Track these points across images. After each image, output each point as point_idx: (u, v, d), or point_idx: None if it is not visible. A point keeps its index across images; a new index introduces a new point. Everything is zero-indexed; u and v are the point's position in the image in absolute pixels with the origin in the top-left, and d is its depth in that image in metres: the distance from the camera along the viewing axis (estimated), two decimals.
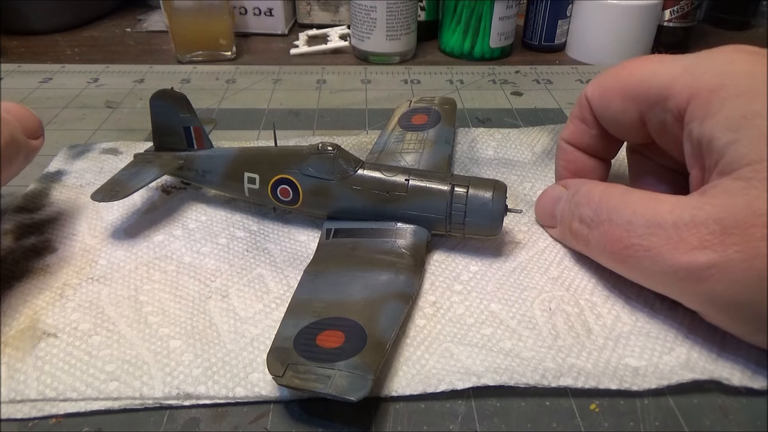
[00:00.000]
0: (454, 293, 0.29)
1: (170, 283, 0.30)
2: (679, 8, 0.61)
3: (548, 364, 0.25)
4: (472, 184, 0.30)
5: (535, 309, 0.28)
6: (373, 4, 0.56)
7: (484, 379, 0.24)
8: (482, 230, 0.30)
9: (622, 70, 0.29)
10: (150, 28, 0.69)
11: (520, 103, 0.51)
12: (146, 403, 0.24)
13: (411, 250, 0.30)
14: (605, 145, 0.33)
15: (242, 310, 0.28)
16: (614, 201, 0.27)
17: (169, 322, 0.27)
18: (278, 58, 0.62)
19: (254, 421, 0.23)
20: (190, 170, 0.35)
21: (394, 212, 0.31)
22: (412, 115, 0.42)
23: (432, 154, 0.37)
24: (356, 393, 0.22)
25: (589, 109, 0.32)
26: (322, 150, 0.31)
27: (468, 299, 0.29)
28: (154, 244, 0.32)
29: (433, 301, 0.29)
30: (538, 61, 0.61)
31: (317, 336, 0.25)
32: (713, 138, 0.24)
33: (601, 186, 0.29)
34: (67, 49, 0.63)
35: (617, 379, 0.24)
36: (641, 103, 0.28)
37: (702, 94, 0.24)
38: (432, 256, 0.32)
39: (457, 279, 0.30)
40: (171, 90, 0.34)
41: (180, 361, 0.25)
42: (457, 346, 0.26)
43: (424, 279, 0.30)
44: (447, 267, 0.31)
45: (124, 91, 0.52)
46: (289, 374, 0.23)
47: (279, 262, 0.31)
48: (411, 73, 0.58)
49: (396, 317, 0.26)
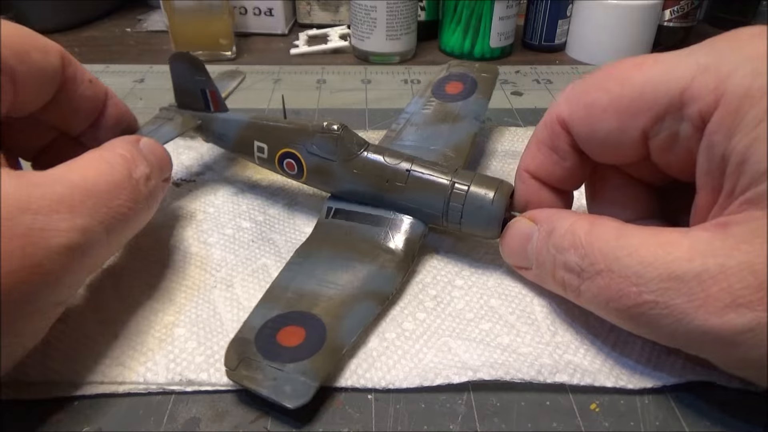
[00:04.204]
0: (455, 288, 0.29)
1: (177, 272, 0.31)
2: (679, 8, 0.61)
3: (545, 360, 0.25)
4: (474, 182, 0.29)
5: (534, 305, 0.28)
6: (373, 4, 0.56)
7: (480, 374, 0.24)
8: (479, 231, 0.29)
9: (608, 81, 0.24)
10: (150, 28, 0.69)
11: (520, 103, 0.51)
12: (150, 388, 0.24)
13: (403, 244, 0.30)
14: (578, 176, 0.28)
15: (245, 299, 0.29)
16: (609, 245, 0.22)
17: (175, 311, 0.28)
18: (278, 58, 0.62)
19: (254, 421, 0.23)
20: (207, 131, 0.36)
21: (392, 201, 0.30)
22: (447, 81, 0.41)
23: (457, 131, 0.36)
24: (295, 400, 0.22)
25: (566, 135, 0.26)
26: (326, 129, 0.30)
27: (468, 294, 0.29)
28: (163, 235, 0.33)
29: (434, 295, 0.29)
30: (538, 61, 0.61)
31: (279, 330, 0.25)
32: (747, 158, 0.19)
33: (583, 223, 0.23)
34: (67, 49, 0.63)
35: (614, 377, 0.24)
36: (646, 117, 0.23)
37: (732, 100, 0.20)
38: (434, 251, 0.32)
39: (459, 274, 0.30)
40: (187, 53, 0.35)
41: (183, 348, 0.26)
42: (455, 341, 0.26)
43: (410, 275, 0.30)
44: (450, 261, 0.31)
45: (124, 91, 0.52)
46: (240, 369, 0.23)
47: (283, 253, 0.32)
48: (411, 73, 0.58)
49: (363, 319, 0.26)
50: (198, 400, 0.24)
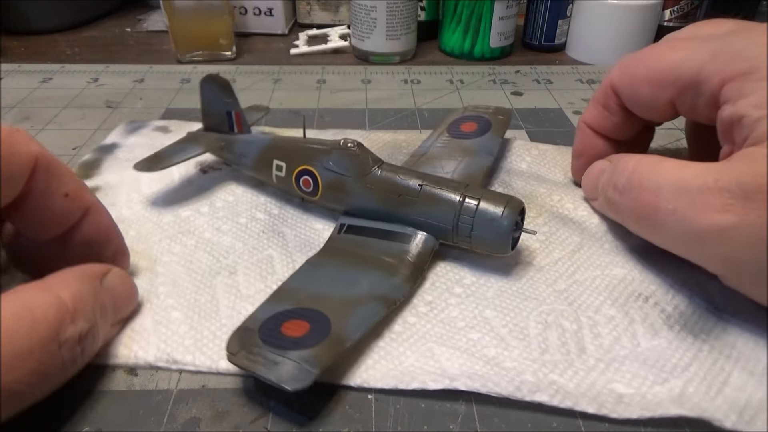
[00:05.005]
0: (453, 295, 0.29)
1: (186, 256, 0.32)
2: (679, 8, 0.61)
3: (527, 377, 0.24)
4: (484, 198, 0.29)
5: (530, 320, 0.27)
6: (373, 4, 0.56)
7: (456, 383, 0.24)
8: (489, 246, 0.29)
9: (649, 57, 0.30)
10: (150, 28, 0.69)
11: (520, 103, 0.51)
12: (138, 364, 0.25)
13: (414, 257, 0.30)
14: (624, 130, 0.34)
15: (245, 287, 0.29)
16: (647, 168, 0.28)
17: (176, 294, 0.29)
18: (278, 58, 0.62)
19: (254, 421, 0.23)
20: (229, 152, 0.37)
21: (404, 216, 0.31)
22: (462, 122, 0.41)
23: (470, 164, 0.36)
24: (295, 384, 0.22)
25: (614, 96, 0.33)
26: (343, 146, 0.31)
27: (465, 302, 0.29)
28: (181, 219, 0.34)
29: (429, 300, 0.29)
30: (538, 61, 0.61)
31: (284, 323, 0.25)
32: (744, 115, 0.25)
33: (638, 156, 0.29)
34: (67, 49, 0.63)
35: (597, 403, 0.23)
36: (671, 90, 0.29)
37: (735, 79, 0.26)
38: (440, 258, 0.32)
39: (459, 282, 0.30)
40: (217, 75, 0.36)
41: (176, 331, 0.27)
42: (440, 347, 0.26)
43: (419, 286, 0.30)
44: (452, 269, 0.31)
45: (124, 91, 0.52)
46: (241, 354, 0.24)
47: (290, 246, 0.33)
48: (411, 73, 0.58)
49: (368, 319, 0.26)
50: (198, 400, 0.24)
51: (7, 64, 0.57)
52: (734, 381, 0.24)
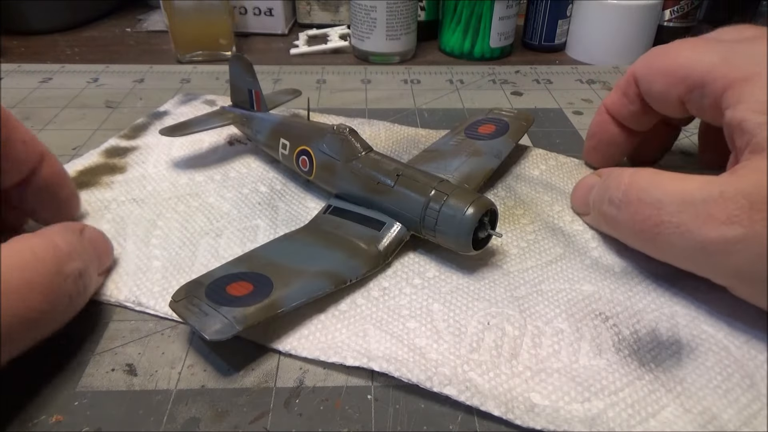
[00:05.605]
0: (410, 285, 0.29)
1: (186, 215, 0.34)
2: (679, 8, 0.61)
3: (443, 370, 0.24)
4: (453, 194, 0.29)
5: (473, 319, 0.27)
6: (373, 4, 0.56)
7: (372, 363, 0.25)
8: (452, 242, 0.29)
9: (670, 51, 0.31)
10: (150, 28, 0.69)
11: (520, 103, 0.51)
12: (109, 300, 0.28)
13: (381, 243, 0.31)
14: (640, 120, 0.35)
15: (224, 249, 0.32)
16: (644, 182, 0.28)
17: (163, 246, 0.32)
18: (278, 58, 0.62)
19: (254, 421, 0.23)
20: (248, 127, 0.40)
21: (380, 203, 0.32)
22: (482, 123, 0.41)
23: (473, 164, 0.36)
24: (214, 334, 0.24)
25: (634, 85, 0.33)
26: (336, 131, 0.33)
27: (418, 293, 0.29)
28: (194, 182, 0.38)
29: (385, 286, 0.29)
30: (538, 61, 0.61)
31: (232, 283, 0.27)
32: (744, 120, 0.25)
33: (631, 170, 0.30)
34: (67, 49, 0.63)
35: (504, 407, 0.23)
36: (681, 87, 0.29)
37: (737, 83, 0.26)
38: (411, 249, 0.32)
39: (421, 274, 0.30)
40: (242, 56, 0.40)
41: (150, 278, 0.30)
42: (375, 330, 0.27)
43: (381, 272, 0.30)
44: (418, 261, 0.31)
45: (124, 91, 0.52)
46: (182, 302, 0.26)
47: (278, 220, 0.35)
48: (411, 72, 0.58)
49: (311, 291, 0.27)
50: (197, 400, 0.24)
51: (7, 64, 0.57)
52: (665, 415, 0.23)
